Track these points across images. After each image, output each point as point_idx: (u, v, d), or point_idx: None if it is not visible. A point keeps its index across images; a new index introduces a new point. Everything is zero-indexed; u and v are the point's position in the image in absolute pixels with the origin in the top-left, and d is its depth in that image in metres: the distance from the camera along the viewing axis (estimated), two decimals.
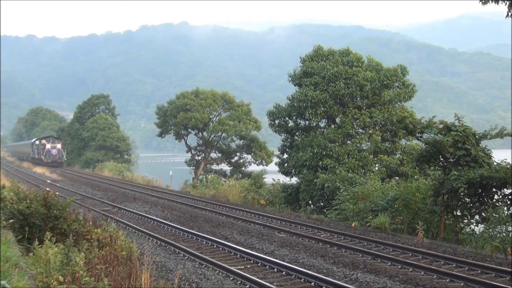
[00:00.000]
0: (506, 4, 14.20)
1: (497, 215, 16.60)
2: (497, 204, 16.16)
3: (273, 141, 64.53)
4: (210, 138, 52.58)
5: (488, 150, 17.53)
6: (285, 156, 30.83)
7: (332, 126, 28.90)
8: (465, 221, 16.79)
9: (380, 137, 27.84)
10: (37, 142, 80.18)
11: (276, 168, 31.77)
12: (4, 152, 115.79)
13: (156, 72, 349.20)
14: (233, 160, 51.94)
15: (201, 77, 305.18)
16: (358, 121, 28.00)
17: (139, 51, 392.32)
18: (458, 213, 16.85)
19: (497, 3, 14.22)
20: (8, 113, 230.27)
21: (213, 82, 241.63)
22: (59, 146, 75.88)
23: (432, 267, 12.31)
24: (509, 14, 14.22)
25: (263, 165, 47.93)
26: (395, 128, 26.90)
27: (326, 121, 29.53)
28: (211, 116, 52.46)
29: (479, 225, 17.06)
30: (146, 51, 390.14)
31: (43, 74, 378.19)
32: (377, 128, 28.26)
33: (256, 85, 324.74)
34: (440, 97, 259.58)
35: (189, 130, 53.17)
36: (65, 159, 75.33)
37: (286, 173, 29.98)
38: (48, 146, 75.33)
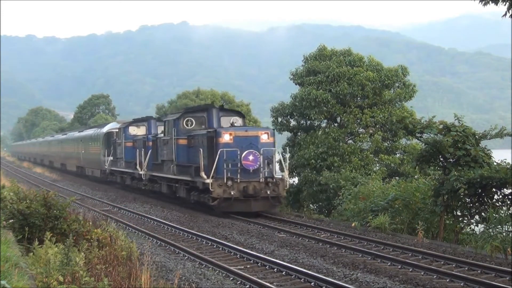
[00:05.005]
0: (505, 4, 14.21)
1: (497, 215, 16.60)
2: (497, 204, 16.17)
3: None
4: None
5: (488, 150, 17.56)
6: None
7: (334, 125, 28.98)
8: (465, 221, 16.81)
9: (380, 137, 27.90)
10: (168, 132, 24.19)
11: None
12: (4, 152, 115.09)
13: (156, 72, 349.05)
14: None
15: (201, 77, 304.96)
16: (359, 120, 28.08)
17: (139, 51, 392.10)
18: (458, 213, 16.86)
19: (497, 4, 14.24)
20: (8, 113, 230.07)
21: (213, 82, 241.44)
22: (265, 137, 20.78)
23: (432, 267, 12.32)
24: (508, 14, 14.23)
25: None
26: (395, 128, 26.95)
27: (327, 121, 29.60)
28: None
29: (479, 225, 17.07)
30: (146, 51, 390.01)
31: (43, 74, 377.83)
32: (377, 127, 28.31)
33: (256, 85, 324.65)
34: (440, 97, 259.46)
35: None
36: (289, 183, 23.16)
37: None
38: (226, 137, 20.29)
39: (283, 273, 12.14)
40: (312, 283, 11.17)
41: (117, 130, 34.83)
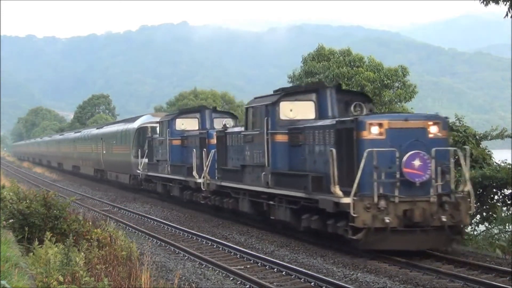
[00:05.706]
0: (506, 4, 14.22)
1: (498, 215, 16.64)
2: (498, 204, 16.20)
3: None
4: None
5: (488, 151, 17.61)
6: None
7: None
8: None
9: None
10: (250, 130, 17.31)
11: None
12: (4, 152, 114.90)
13: (156, 72, 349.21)
14: None
15: (201, 77, 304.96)
16: None
17: (139, 51, 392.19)
18: None
19: (498, 4, 14.25)
20: (8, 113, 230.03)
21: (213, 82, 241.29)
22: (435, 130, 13.06)
23: (432, 267, 12.30)
24: (509, 14, 14.25)
25: None
26: None
27: None
28: None
29: (480, 225, 17.08)
30: (146, 51, 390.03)
31: (43, 74, 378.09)
32: None
33: (256, 85, 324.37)
34: (440, 97, 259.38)
35: None
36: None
37: None
38: (373, 130, 12.76)
39: (283, 273, 12.13)
40: (312, 283, 11.16)
41: (155, 124, 27.60)
